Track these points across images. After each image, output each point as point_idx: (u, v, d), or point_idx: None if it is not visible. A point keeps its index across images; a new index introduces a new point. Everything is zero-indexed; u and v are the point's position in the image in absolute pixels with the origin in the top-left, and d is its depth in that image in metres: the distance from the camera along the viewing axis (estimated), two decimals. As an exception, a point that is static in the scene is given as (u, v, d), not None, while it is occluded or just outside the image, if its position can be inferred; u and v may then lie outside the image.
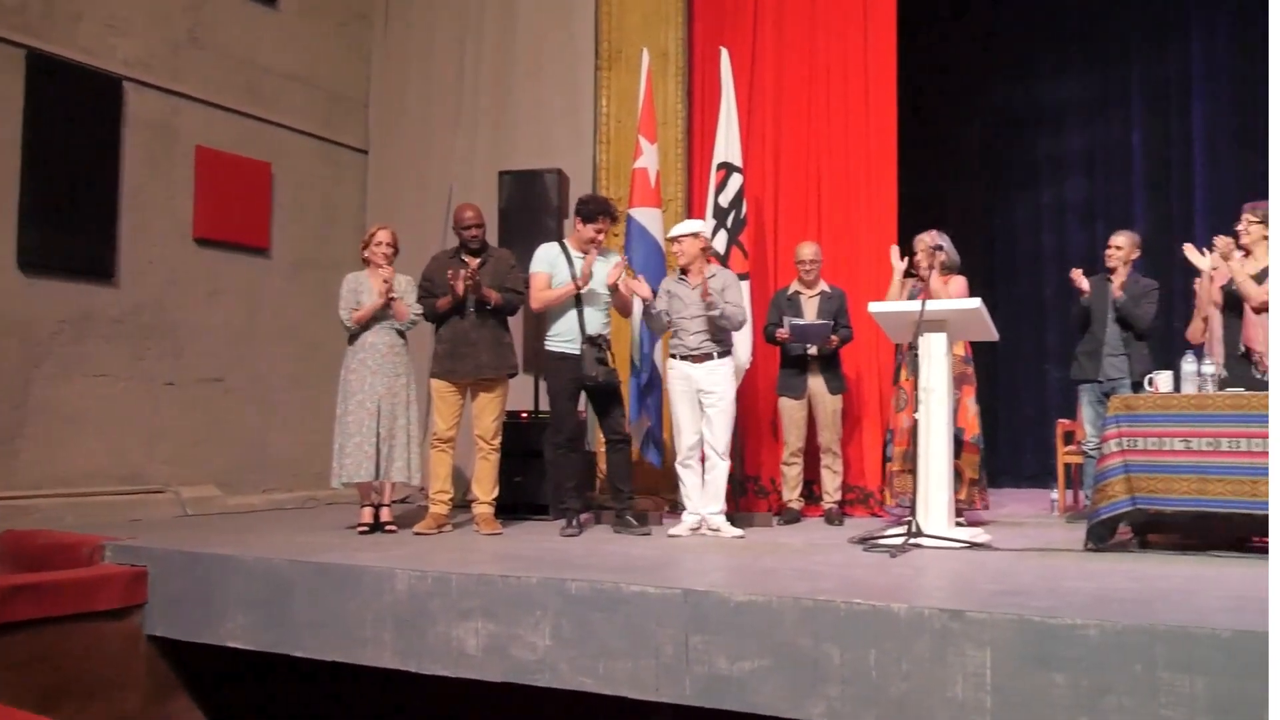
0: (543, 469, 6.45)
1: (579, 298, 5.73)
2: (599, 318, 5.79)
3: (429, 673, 4.09)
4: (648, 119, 6.76)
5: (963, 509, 5.76)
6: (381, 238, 5.85)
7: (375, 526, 5.73)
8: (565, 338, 5.74)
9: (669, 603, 3.61)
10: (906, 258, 6.10)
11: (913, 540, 4.85)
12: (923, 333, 5.15)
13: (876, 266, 6.87)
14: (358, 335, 5.80)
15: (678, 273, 5.74)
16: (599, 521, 6.23)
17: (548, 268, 5.78)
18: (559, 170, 7.09)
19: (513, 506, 6.29)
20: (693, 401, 5.57)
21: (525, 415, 6.84)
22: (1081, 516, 5.70)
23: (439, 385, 5.76)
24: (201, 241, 7.30)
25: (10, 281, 6.19)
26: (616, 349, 5.98)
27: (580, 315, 5.72)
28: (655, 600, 3.64)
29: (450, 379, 5.74)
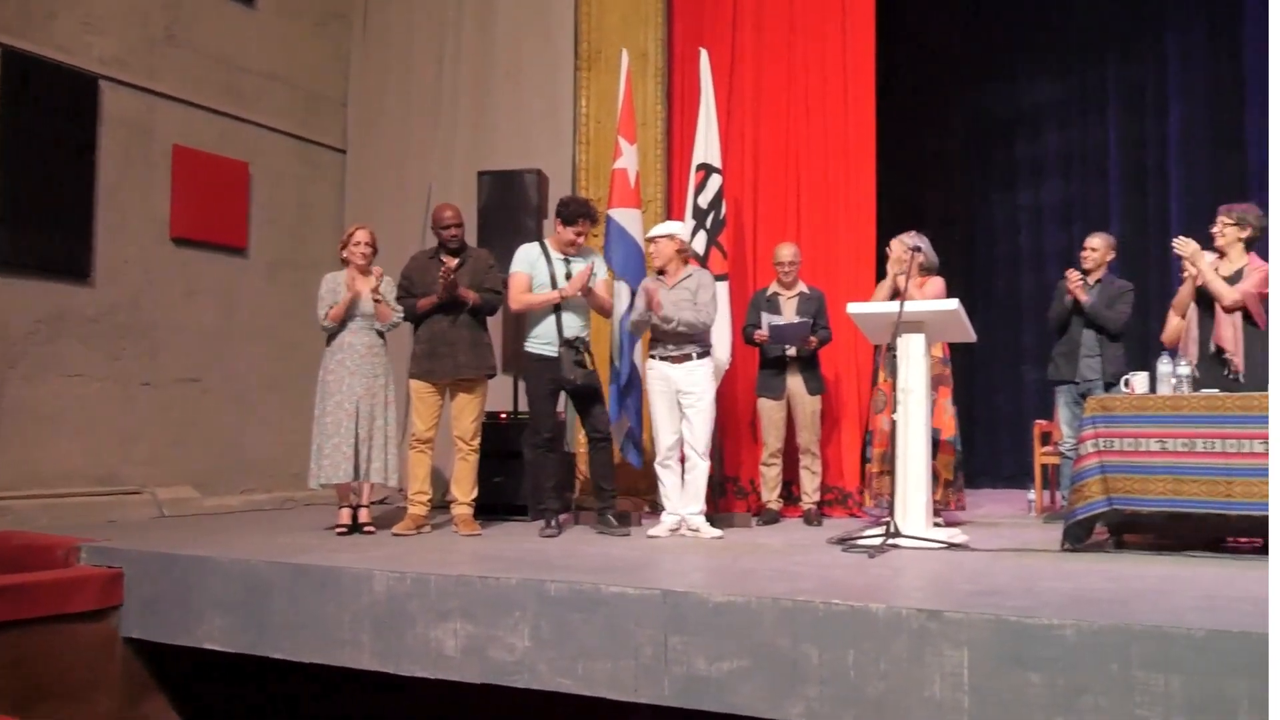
0: (522, 470, 6.45)
1: (557, 300, 5.73)
2: (577, 320, 5.77)
3: (407, 674, 4.07)
4: (627, 120, 6.76)
5: (939, 509, 5.79)
6: (360, 237, 5.82)
7: (353, 528, 5.70)
8: (544, 340, 5.73)
9: (648, 603, 3.62)
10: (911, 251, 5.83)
11: (891, 541, 4.87)
12: (901, 334, 5.18)
13: (855, 267, 6.91)
14: (336, 335, 5.76)
15: (655, 274, 5.75)
16: (578, 522, 6.23)
17: (528, 268, 5.77)
18: (538, 170, 7.07)
19: (492, 507, 6.28)
20: (672, 402, 5.58)
21: (504, 416, 6.83)
22: (1058, 517, 5.72)
23: (418, 386, 5.75)
24: (178, 241, 7.25)
25: (-16, 281, 6.15)
26: (596, 350, 5.97)
27: (558, 318, 5.71)
28: (634, 601, 3.64)
29: (429, 379, 5.73)
